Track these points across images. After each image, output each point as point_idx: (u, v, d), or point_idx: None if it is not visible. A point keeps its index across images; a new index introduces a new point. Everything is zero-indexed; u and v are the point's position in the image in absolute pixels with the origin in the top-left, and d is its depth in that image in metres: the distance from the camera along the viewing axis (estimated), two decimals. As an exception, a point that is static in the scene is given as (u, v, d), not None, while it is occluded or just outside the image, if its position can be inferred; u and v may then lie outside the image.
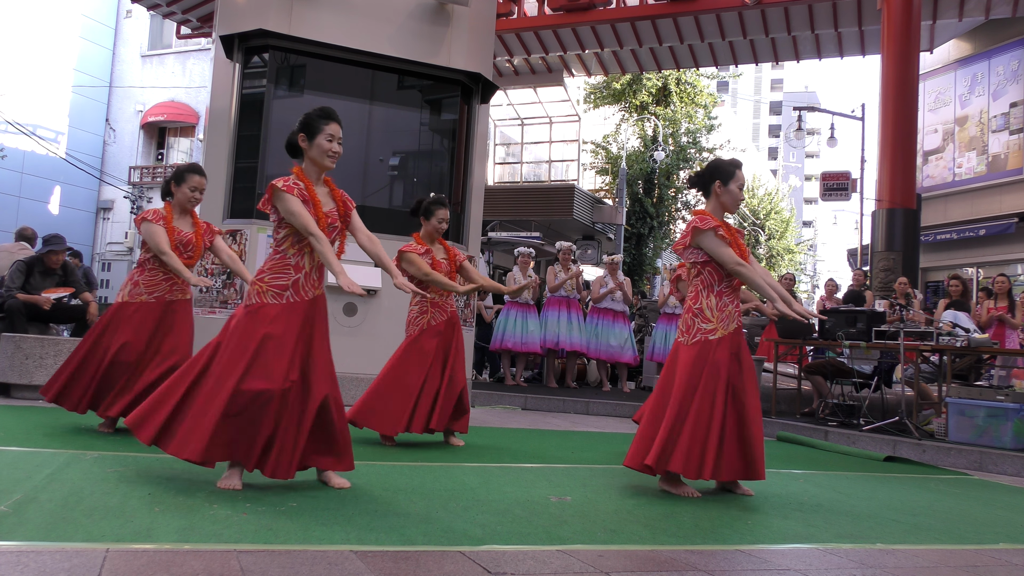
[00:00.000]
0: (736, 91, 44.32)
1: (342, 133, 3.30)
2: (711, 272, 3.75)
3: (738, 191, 3.84)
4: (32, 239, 8.34)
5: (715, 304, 3.71)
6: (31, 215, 19.13)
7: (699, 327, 3.71)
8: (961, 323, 7.20)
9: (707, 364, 3.63)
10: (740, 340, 3.76)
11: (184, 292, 4.45)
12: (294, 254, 3.24)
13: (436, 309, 4.76)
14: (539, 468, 4.32)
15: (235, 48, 7.27)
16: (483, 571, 2.24)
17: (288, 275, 3.21)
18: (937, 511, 3.88)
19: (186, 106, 21.07)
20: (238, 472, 3.10)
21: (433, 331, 4.72)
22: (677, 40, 15.20)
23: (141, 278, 4.35)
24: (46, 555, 2.09)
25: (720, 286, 3.75)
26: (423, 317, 4.74)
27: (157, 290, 4.35)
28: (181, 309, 4.42)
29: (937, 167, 17.10)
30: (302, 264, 3.24)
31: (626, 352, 9.63)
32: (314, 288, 3.26)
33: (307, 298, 3.22)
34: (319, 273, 3.30)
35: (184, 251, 4.33)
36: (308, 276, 3.24)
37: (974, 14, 13.70)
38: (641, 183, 21.59)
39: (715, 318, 3.70)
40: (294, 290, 3.20)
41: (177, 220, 4.38)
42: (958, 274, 9.38)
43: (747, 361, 3.76)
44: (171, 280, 4.37)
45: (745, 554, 2.71)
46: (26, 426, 4.49)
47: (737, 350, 3.71)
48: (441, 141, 8.15)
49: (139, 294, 4.33)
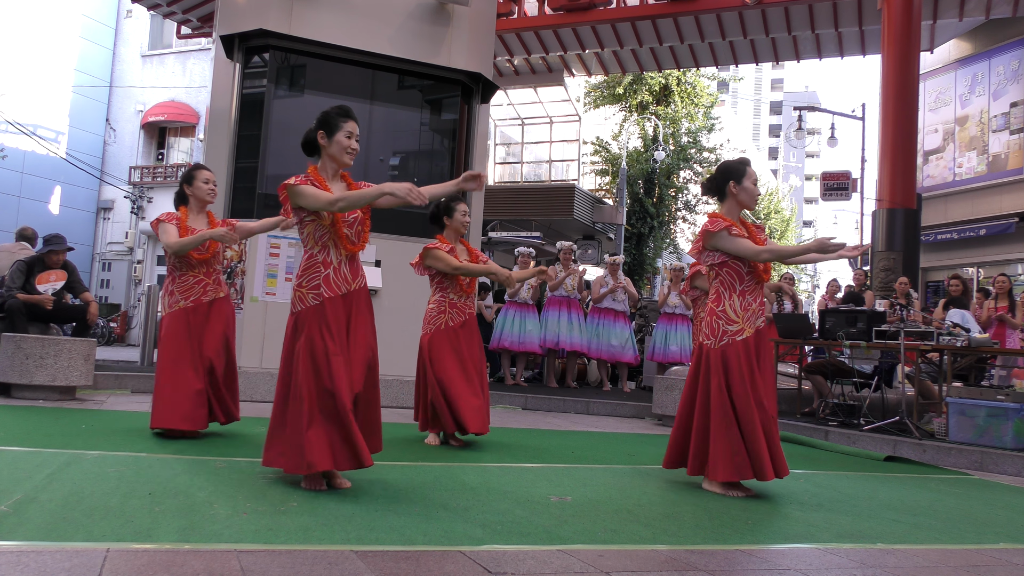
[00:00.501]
0: (736, 91, 44.31)
1: (357, 130, 3.35)
2: (729, 272, 3.80)
3: (752, 186, 3.89)
4: (33, 239, 8.34)
5: (739, 304, 3.76)
6: (31, 215, 19.14)
7: (724, 329, 3.75)
8: (967, 323, 7.19)
9: (742, 363, 3.69)
10: (763, 336, 3.80)
11: (218, 291, 4.49)
12: (319, 251, 3.28)
13: (454, 310, 4.78)
14: (539, 468, 4.32)
15: (235, 48, 7.27)
16: (483, 571, 2.24)
17: (318, 272, 3.25)
18: (938, 511, 3.88)
19: (186, 106, 21.07)
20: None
21: (448, 331, 4.74)
22: (677, 40, 15.20)
23: (174, 286, 4.41)
24: (46, 555, 2.09)
25: (742, 285, 3.79)
26: (440, 317, 4.77)
27: (192, 294, 4.39)
28: (217, 308, 4.45)
29: (937, 167, 17.10)
30: (329, 259, 3.27)
31: (627, 352, 9.64)
32: (346, 282, 3.28)
33: (339, 293, 3.24)
34: (351, 267, 3.31)
35: (199, 249, 4.38)
36: (337, 271, 3.27)
37: (974, 14, 13.70)
38: (641, 183, 21.58)
39: (740, 318, 3.74)
40: (326, 286, 3.24)
41: (192, 220, 4.45)
42: (958, 274, 9.39)
43: (766, 357, 3.80)
44: (202, 282, 4.42)
45: (746, 554, 2.71)
46: (26, 426, 4.50)
47: (759, 346, 3.77)
48: (441, 141, 8.15)
49: (176, 302, 4.38)
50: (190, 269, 4.40)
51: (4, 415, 4.87)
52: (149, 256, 21.38)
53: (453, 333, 4.74)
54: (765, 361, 3.78)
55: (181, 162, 21.30)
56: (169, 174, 21.15)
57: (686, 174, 22.87)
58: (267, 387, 6.82)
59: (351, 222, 3.30)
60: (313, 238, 3.28)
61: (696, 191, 23.18)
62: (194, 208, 4.49)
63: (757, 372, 3.71)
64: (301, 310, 3.24)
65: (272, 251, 7.07)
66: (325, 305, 3.21)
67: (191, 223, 4.42)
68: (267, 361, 6.91)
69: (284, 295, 6.95)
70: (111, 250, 21.69)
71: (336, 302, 3.24)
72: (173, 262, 4.42)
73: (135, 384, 7.08)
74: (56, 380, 5.79)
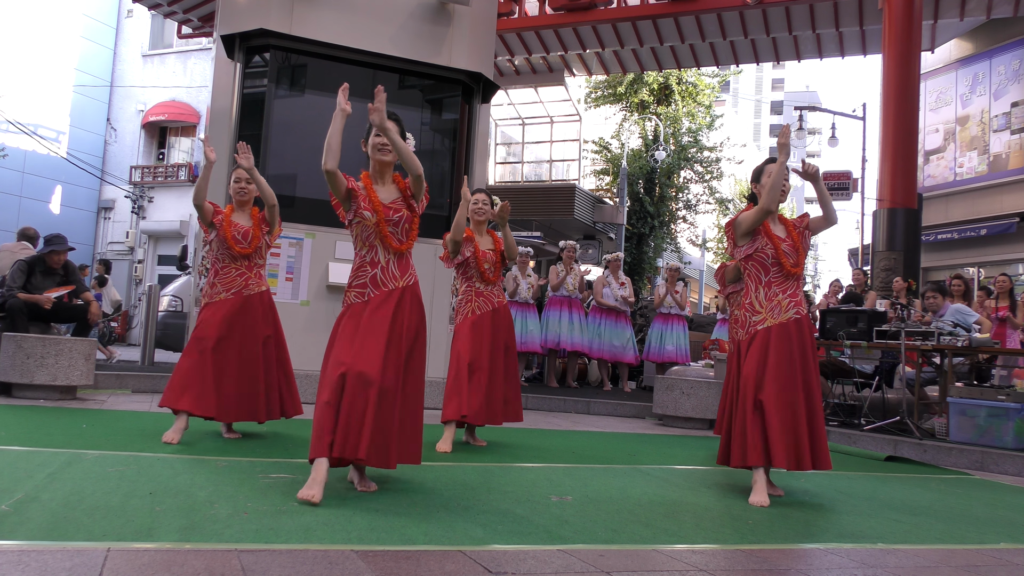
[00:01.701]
0: (737, 90, 44.33)
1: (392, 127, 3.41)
2: (755, 265, 3.89)
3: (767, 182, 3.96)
4: (35, 239, 8.35)
5: (763, 296, 3.85)
6: (32, 214, 19.15)
7: (751, 320, 3.86)
8: (965, 315, 7.16)
9: (755, 350, 3.75)
10: (795, 329, 3.79)
11: (260, 285, 4.56)
12: (367, 251, 3.33)
13: (481, 299, 4.83)
14: (540, 468, 4.32)
15: (236, 48, 7.27)
16: (484, 571, 2.24)
17: (366, 272, 3.31)
18: (938, 511, 3.88)
19: (187, 106, 21.07)
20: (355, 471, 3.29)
21: (476, 320, 4.76)
22: (678, 40, 15.19)
23: (216, 279, 4.49)
24: (47, 554, 2.09)
25: (767, 277, 3.86)
26: (468, 306, 4.82)
27: (234, 286, 4.47)
28: (257, 301, 4.51)
29: (938, 167, 17.09)
30: (377, 259, 3.32)
31: (628, 352, 9.64)
32: (394, 280, 3.31)
33: (387, 290, 3.28)
34: (399, 266, 3.34)
35: (242, 242, 4.49)
36: (385, 269, 3.31)
37: (975, 14, 13.69)
38: (642, 183, 21.58)
39: (764, 308, 3.83)
40: (373, 286, 3.28)
41: (236, 215, 4.59)
42: (960, 274, 9.38)
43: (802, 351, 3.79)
44: (244, 275, 4.50)
45: (746, 554, 2.71)
46: (27, 425, 4.50)
47: (792, 338, 3.77)
48: (442, 140, 8.15)
49: (217, 294, 4.46)
50: (232, 262, 4.49)
51: (5, 414, 4.87)
52: (150, 256, 21.39)
53: (481, 321, 4.78)
54: (795, 351, 3.76)
55: (182, 162, 21.31)
56: (170, 174, 21.16)
57: (687, 174, 22.86)
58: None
59: (396, 221, 3.33)
60: (360, 239, 3.35)
61: (697, 191, 23.19)
62: (236, 204, 4.64)
63: (776, 360, 3.72)
64: (343, 308, 3.33)
65: (273, 251, 7.06)
66: (370, 302, 3.25)
67: (234, 218, 4.56)
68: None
69: (285, 295, 6.95)
70: (112, 250, 21.70)
71: (375, 300, 3.26)
72: (216, 255, 4.52)
73: (136, 384, 7.08)
74: (57, 380, 5.80)
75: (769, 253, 3.83)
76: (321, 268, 7.10)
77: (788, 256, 3.84)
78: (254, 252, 4.54)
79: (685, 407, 7.19)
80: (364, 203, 3.30)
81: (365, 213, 3.29)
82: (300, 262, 7.08)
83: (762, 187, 3.89)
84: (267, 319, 4.54)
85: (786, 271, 3.84)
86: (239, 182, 4.59)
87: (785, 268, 3.84)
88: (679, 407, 7.23)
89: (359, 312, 3.24)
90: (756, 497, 3.63)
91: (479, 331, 4.73)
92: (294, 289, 7.04)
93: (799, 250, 3.89)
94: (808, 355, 3.81)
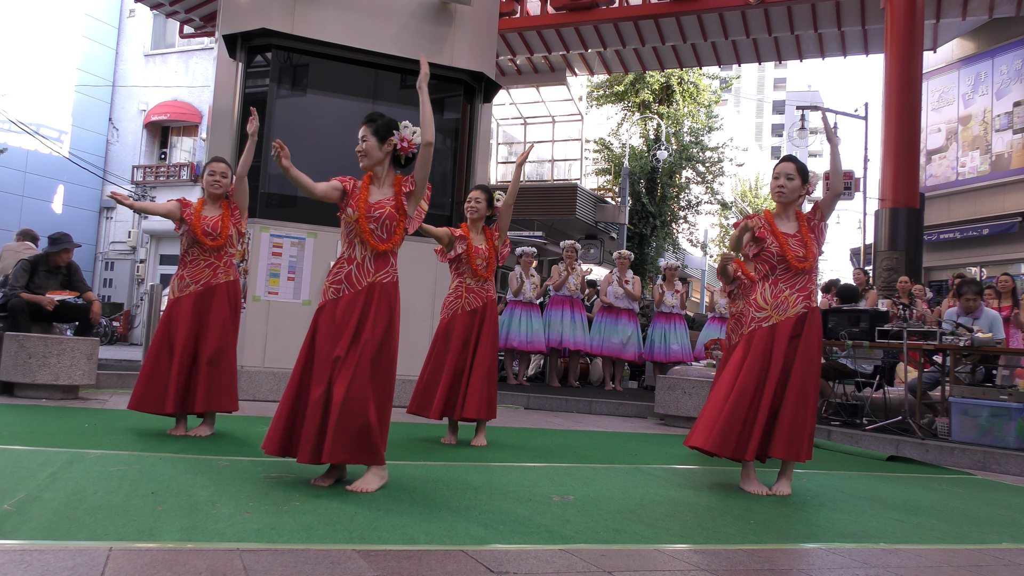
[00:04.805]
0: (739, 90, 44.28)
1: (364, 132, 3.43)
2: (761, 263, 3.97)
3: (773, 181, 4.10)
4: (36, 238, 8.36)
5: (769, 292, 3.92)
6: (34, 214, 19.16)
7: (753, 316, 3.93)
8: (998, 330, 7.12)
9: (753, 348, 3.83)
10: (801, 325, 3.84)
11: (228, 274, 4.57)
12: (347, 247, 3.39)
13: (471, 295, 4.86)
14: (542, 467, 4.32)
15: (238, 47, 7.28)
16: (486, 570, 2.24)
17: (343, 268, 3.36)
18: (940, 511, 3.88)
19: (189, 105, 21.07)
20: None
21: (465, 316, 4.82)
22: (680, 39, 15.19)
23: (185, 271, 4.52)
24: (49, 554, 2.09)
25: (774, 274, 3.93)
26: (457, 302, 4.86)
27: (202, 278, 4.50)
28: (218, 292, 4.51)
29: (940, 166, 17.08)
30: (353, 255, 3.36)
31: (628, 349, 9.64)
32: (367, 276, 3.34)
33: (360, 287, 3.32)
34: (375, 263, 3.36)
35: (212, 233, 4.49)
36: (361, 266, 3.35)
37: (977, 13, 13.67)
38: (643, 182, 21.57)
39: (768, 305, 3.89)
40: (348, 282, 3.33)
41: (206, 208, 4.59)
42: (962, 273, 9.36)
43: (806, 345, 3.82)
44: (213, 265, 4.51)
45: (748, 553, 2.70)
46: (29, 425, 4.51)
47: (797, 334, 3.82)
48: (444, 140, 8.15)
49: (186, 287, 4.48)
50: (202, 254, 4.50)
51: (7, 414, 4.87)
52: (152, 255, 21.39)
53: (469, 318, 4.83)
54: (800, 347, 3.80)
55: (184, 161, 21.31)
56: (172, 173, 21.16)
57: (688, 173, 22.84)
58: (269, 386, 6.83)
59: (377, 217, 3.35)
60: (344, 234, 3.41)
61: (698, 191, 23.17)
62: (207, 197, 4.63)
63: (785, 357, 3.78)
64: (321, 303, 3.39)
65: (275, 250, 7.07)
66: (340, 301, 3.30)
67: (204, 211, 4.55)
68: (269, 360, 6.90)
69: (287, 294, 6.95)
70: (114, 249, 21.72)
71: (345, 300, 3.30)
72: (185, 248, 4.54)
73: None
74: (59, 379, 5.81)
75: (775, 251, 3.89)
76: (323, 268, 7.10)
77: (794, 251, 3.88)
78: (224, 243, 4.55)
79: (687, 407, 7.19)
80: (352, 200, 3.38)
81: (349, 210, 3.38)
82: (302, 262, 7.08)
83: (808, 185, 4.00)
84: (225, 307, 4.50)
85: (790, 267, 3.89)
86: (214, 175, 4.59)
87: (790, 265, 3.88)
88: (681, 407, 7.23)
89: (331, 311, 3.30)
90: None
91: (448, 335, 4.81)
92: (296, 288, 7.04)
93: (808, 244, 3.92)
94: (812, 347, 3.84)
